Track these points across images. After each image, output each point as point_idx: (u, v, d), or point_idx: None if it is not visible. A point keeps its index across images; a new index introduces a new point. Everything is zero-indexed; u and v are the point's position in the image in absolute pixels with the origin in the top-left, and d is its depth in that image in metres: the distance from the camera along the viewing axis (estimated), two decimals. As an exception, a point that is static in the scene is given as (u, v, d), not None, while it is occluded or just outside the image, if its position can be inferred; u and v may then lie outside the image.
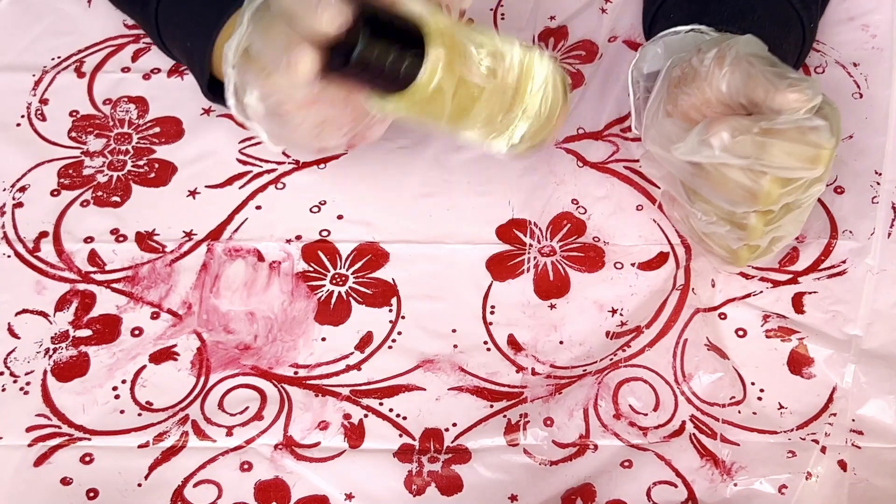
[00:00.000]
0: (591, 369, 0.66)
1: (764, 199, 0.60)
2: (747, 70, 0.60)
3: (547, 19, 0.83)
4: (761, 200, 0.61)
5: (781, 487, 0.62)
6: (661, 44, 0.68)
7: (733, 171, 0.60)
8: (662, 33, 0.68)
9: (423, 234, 0.72)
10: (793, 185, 0.60)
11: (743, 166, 0.59)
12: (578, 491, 0.62)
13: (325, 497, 0.63)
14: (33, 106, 0.79)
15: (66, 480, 0.63)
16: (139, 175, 0.76)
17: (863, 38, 0.80)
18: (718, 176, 0.61)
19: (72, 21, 0.84)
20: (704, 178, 0.62)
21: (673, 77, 0.64)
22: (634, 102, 0.69)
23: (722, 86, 0.61)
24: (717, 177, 0.61)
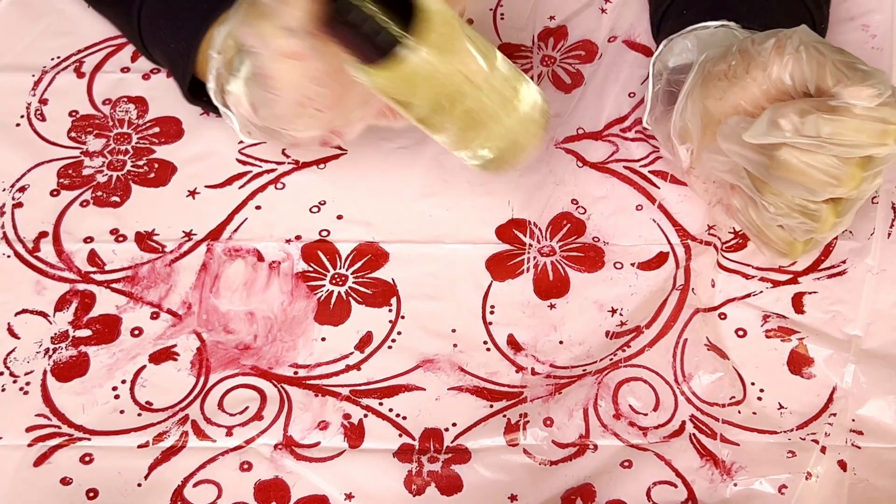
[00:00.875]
0: (591, 369, 0.66)
1: (848, 181, 0.59)
2: (817, 58, 0.59)
3: (546, 19, 0.83)
4: (846, 184, 0.59)
5: (781, 487, 0.62)
6: (693, 38, 0.68)
7: (815, 158, 0.59)
8: (693, 27, 0.68)
9: (422, 234, 0.72)
10: (872, 171, 0.59)
11: (812, 146, 0.59)
12: (578, 491, 0.62)
13: (324, 497, 0.63)
14: (33, 106, 0.79)
15: (66, 480, 0.63)
16: (139, 175, 0.76)
17: (863, 38, 0.80)
18: (798, 164, 0.60)
19: (71, 21, 0.83)
20: (779, 167, 0.60)
21: (716, 71, 0.63)
22: (652, 94, 0.69)
23: (785, 74, 0.60)
24: (795, 165, 0.60)
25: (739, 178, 0.64)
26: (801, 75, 0.60)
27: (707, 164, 0.66)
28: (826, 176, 0.59)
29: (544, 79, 0.79)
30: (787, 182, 0.61)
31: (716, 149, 0.65)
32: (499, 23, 0.83)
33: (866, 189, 0.61)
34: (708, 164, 0.66)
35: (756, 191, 0.63)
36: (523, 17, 0.83)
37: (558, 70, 0.80)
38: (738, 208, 0.66)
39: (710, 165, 0.65)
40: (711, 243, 0.71)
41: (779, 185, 0.62)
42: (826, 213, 0.62)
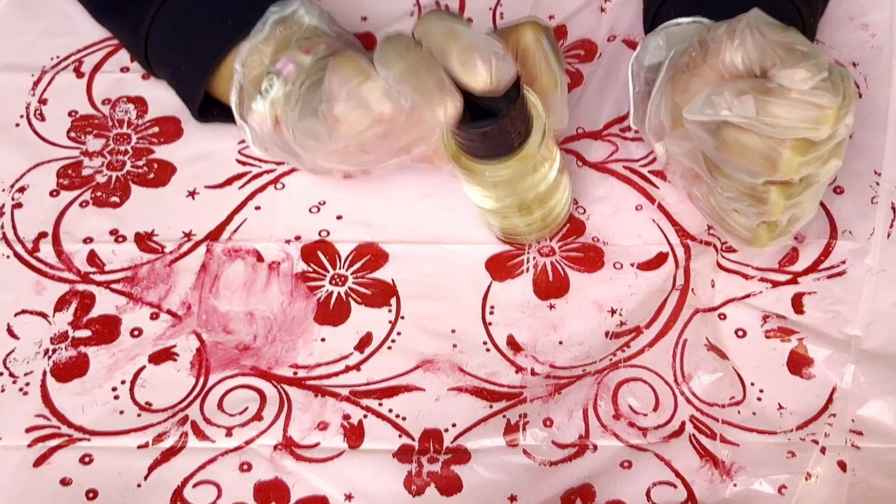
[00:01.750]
0: (591, 369, 0.66)
1: (784, 167, 0.59)
2: (760, 40, 0.59)
3: (546, 18, 0.83)
4: (781, 168, 0.59)
5: (781, 488, 0.62)
6: (663, 35, 0.68)
7: (752, 139, 0.59)
8: (664, 24, 0.68)
9: (422, 234, 0.72)
10: (812, 155, 0.59)
11: (746, 125, 0.59)
12: (578, 491, 0.62)
13: (324, 497, 0.63)
14: (32, 106, 0.79)
15: (66, 481, 0.63)
16: (138, 175, 0.76)
17: (862, 37, 0.80)
18: (737, 145, 0.60)
19: (71, 21, 0.83)
20: (723, 147, 0.61)
21: (680, 64, 0.63)
22: (634, 95, 0.69)
23: (736, 58, 0.60)
24: (735, 146, 0.60)
25: (696, 161, 0.64)
26: (748, 58, 0.60)
27: (669, 148, 0.66)
28: (762, 158, 0.60)
29: (544, 79, 0.79)
30: (731, 164, 0.61)
31: (677, 134, 0.65)
32: (498, 22, 0.83)
33: (819, 173, 0.61)
34: (670, 149, 0.66)
35: (710, 175, 0.64)
36: (523, 16, 0.83)
37: (558, 70, 0.80)
38: (699, 196, 0.67)
39: (671, 150, 0.66)
40: (711, 243, 0.71)
41: (725, 167, 0.62)
42: (774, 195, 0.61)
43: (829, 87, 0.58)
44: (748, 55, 0.60)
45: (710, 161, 0.63)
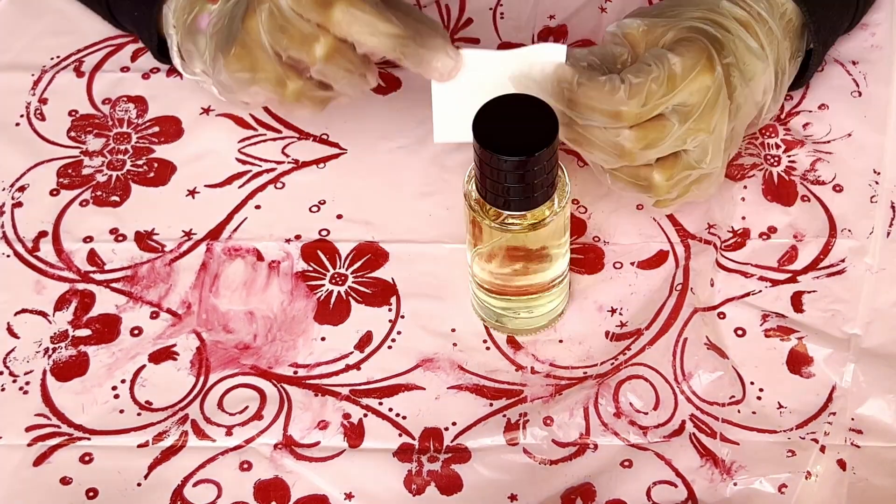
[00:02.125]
0: (592, 373, 0.66)
1: (627, 154, 0.63)
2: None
3: (546, 18, 0.83)
4: (626, 155, 0.63)
5: (781, 487, 0.62)
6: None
7: (595, 130, 0.63)
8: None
9: (422, 233, 0.72)
10: (655, 145, 0.63)
11: (563, 111, 0.63)
12: (578, 490, 0.62)
13: (324, 497, 0.63)
14: (32, 105, 0.79)
15: (66, 480, 0.63)
16: (138, 174, 0.76)
17: (862, 36, 0.80)
18: (588, 136, 0.64)
19: (71, 21, 0.83)
20: (583, 140, 0.65)
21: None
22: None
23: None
24: (587, 138, 0.64)
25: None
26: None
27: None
28: (609, 146, 0.64)
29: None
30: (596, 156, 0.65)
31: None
32: (498, 22, 0.83)
33: (690, 148, 0.64)
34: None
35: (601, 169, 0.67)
36: (523, 16, 0.83)
37: (558, 69, 0.80)
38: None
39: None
40: (711, 242, 0.71)
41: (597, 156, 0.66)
42: (658, 178, 0.65)
43: (626, 86, 0.62)
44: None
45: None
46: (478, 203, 0.62)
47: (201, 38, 0.71)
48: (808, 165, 0.74)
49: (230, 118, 0.78)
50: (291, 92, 0.66)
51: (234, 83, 0.67)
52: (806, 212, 0.72)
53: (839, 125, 0.76)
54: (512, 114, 0.59)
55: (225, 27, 0.68)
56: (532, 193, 0.60)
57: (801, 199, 0.73)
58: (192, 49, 0.72)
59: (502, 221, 0.62)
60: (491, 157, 0.58)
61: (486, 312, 0.68)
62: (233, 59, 0.66)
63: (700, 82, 0.63)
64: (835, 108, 0.77)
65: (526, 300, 0.66)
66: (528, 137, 0.58)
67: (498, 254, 0.64)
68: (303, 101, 0.67)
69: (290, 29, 0.63)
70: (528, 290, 0.65)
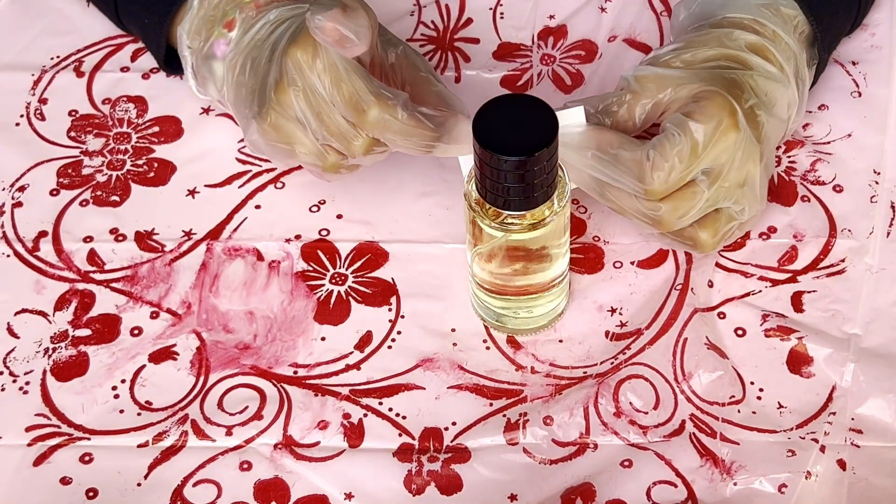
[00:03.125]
0: (592, 372, 0.66)
1: (662, 225, 0.65)
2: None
3: (546, 18, 0.83)
4: (661, 226, 0.65)
5: (781, 486, 0.62)
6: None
7: (626, 201, 0.64)
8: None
9: (422, 233, 0.72)
10: (689, 214, 0.64)
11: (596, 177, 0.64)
12: (578, 490, 0.62)
13: (324, 497, 0.63)
14: (32, 105, 0.79)
15: (66, 480, 0.63)
16: (138, 174, 0.76)
17: (862, 36, 0.80)
18: (622, 206, 0.65)
19: (71, 21, 0.83)
20: (618, 209, 0.66)
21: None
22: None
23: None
24: (622, 207, 0.65)
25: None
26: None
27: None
28: (643, 217, 0.65)
29: (544, 78, 0.79)
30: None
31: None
32: (498, 22, 0.83)
33: (713, 194, 0.64)
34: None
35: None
36: (523, 16, 0.83)
37: (558, 69, 0.80)
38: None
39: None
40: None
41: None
42: (703, 237, 0.66)
43: (653, 162, 0.62)
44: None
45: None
46: (478, 203, 0.62)
47: (217, 64, 0.70)
48: (808, 166, 0.74)
49: (230, 118, 0.77)
50: (331, 165, 0.67)
51: (270, 150, 0.67)
52: (806, 212, 0.72)
53: (839, 126, 0.76)
54: (512, 114, 0.59)
55: (255, 88, 0.67)
56: (532, 193, 0.60)
57: (801, 199, 0.73)
58: (208, 76, 0.71)
59: (502, 221, 0.62)
60: (491, 157, 0.58)
61: (486, 312, 0.68)
62: (269, 130, 0.66)
63: (725, 142, 0.63)
64: (835, 108, 0.77)
65: (526, 300, 0.66)
66: (529, 137, 0.58)
67: (498, 254, 0.64)
68: (340, 171, 0.67)
69: (329, 120, 0.64)
70: (528, 290, 0.65)
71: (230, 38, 0.69)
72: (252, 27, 0.68)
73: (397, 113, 0.62)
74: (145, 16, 0.75)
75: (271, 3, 0.69)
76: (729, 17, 0.70)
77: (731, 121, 0.63)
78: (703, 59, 0.68)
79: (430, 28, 0.82)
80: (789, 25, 0.70)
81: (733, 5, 0.70)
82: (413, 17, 0.83)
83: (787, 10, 0.71)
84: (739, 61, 0.67)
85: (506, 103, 0.60)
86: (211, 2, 0.71)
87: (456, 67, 0.80)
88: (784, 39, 0.69)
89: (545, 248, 0.64)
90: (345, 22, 0.60)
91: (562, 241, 0.64)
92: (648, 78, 0.66)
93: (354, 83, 0.62)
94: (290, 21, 0.67)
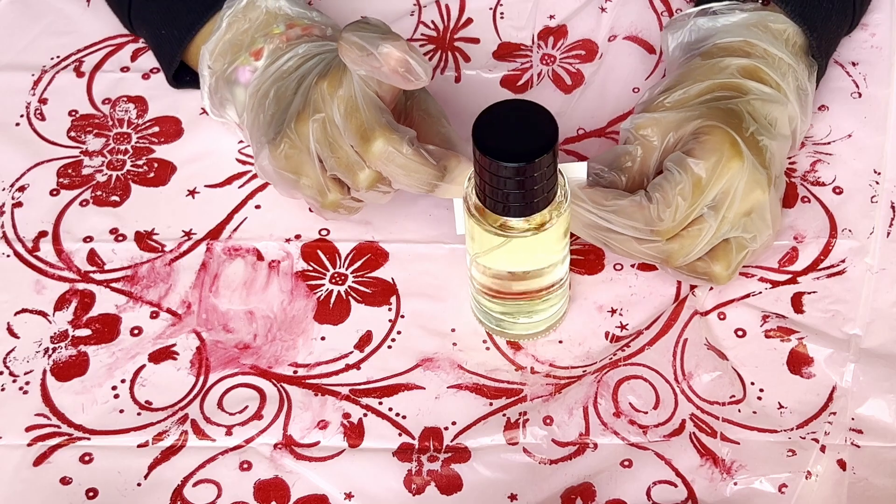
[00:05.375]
0: (591, 369, 0.66)
1: (671, 262, 0.65)
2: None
3: (546, 18, 0.83)
4: (671, 263, 0.65)
5: (781, 486, 0.62)
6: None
7: (633, 245, 0.64)
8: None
9: (422, 233, 0.72)
10: (697, 248, 0.64)
11: (596, 225, 0.64)
12: (578, 490, 0.62)
13: (324, 496, 0.63)
14: (32, 105, 0.79)
15: (66, 480, 0.63)
16: (138, 174, 0.76)
17: (862, 36, 0.80)
18: (631, 252, 0.65)
19: (71, 21, 0.83)
20: (625, 255, 0.66)
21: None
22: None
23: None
24: (630, 253, 0.65)
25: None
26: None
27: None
28: (651, 255, 0.65)
29: (544, 78, 0.79)
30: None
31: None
32: (498, 21, 0.83)
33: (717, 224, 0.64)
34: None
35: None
36: (523, 15, 0.83)
37: (559, 69, 0.80)
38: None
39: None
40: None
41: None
42: (718, 270, 0.66)
43: (656, 206, 0.63)
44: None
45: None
46: (477, 209, 0.62)
47: (239, 90, 0.71)
48: (807, 166, 0.74)
49: (230, 118, 0.78)
50: (330, 202, 0.67)
51: (276, 177, 0.67)
52: (806, 213, 0.72)
53: (839, 126, 0.76)
54: (511, 120, 0.59)
55: (275, 116, 0.67)
56: (532, 199, 0.59)
57: (801, 200, 0.73)
58: (228, 98, 0.71)
59: (502, 227, 0.61)
60: (490, 164, 0.58)
61: (486, 318, 0.68)
62: (280, 157, 0.66)
63: (727, 173, 0.63)
64: (835, 109, 0.77)
65: (526, 305, 0.66)
66: (529, 143, 0.58)
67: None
68: (339, 210, 0.68)
69: (339, 151, 0.64)
70: (528, 295, 0.65)
71: (256, 66, 0.70)
72: (280, 58, 0.69)
73: (402, 147, 0.62)
74: (163, 27, 0.74)
75: (301, 38, 0.70)
76: (718, 43, 0.70)
77: (732, 151, 0.63)
78: (696, 93, 0.68)
79: (430, 28, 0.82)
80: (780, 40, 0.70)
81: (722, 31, 0.70)
82: (413, 16, 0.83)
83: (775, 26, 0.71)
84: (733, 88, 0.67)
85: (505, 109, 0.59)
86: (240, 27, 0.71)
87: (456, 67, 0.80)
88: (777, 55, 0.69)
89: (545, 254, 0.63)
90: (415, 56, 0.59)
91: (562, 245, 0.64)
92: (647, 125, 0.67)
93: (367, 114, 0.62)
94: (319, 57, 0.68)
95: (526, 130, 0.58)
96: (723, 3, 0.72)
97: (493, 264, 0.63)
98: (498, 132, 0.58)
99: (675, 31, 0.73)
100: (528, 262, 0.63)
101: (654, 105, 0.68)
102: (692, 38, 0.72)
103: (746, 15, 0.71)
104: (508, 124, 0.58)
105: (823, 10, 0.72)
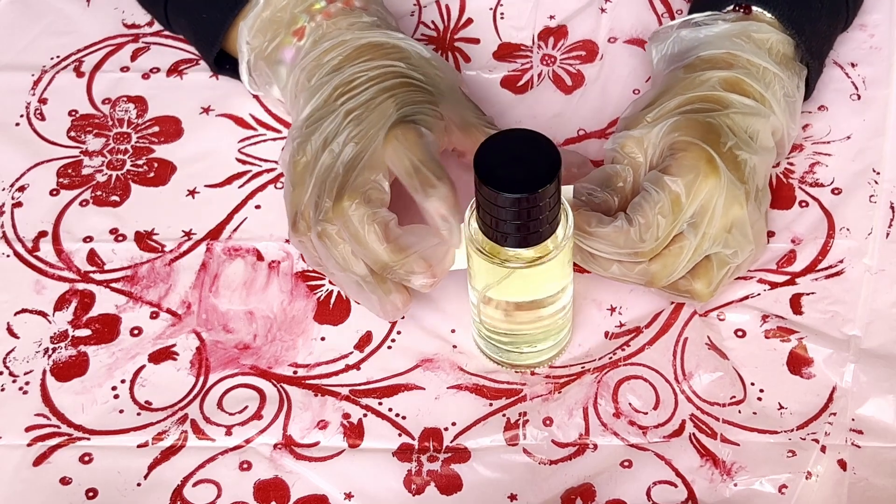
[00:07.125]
0: (591, 367, 0.66)
1: (654, 283, 0.64)
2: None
3: (546, 18, 0.83)
4: (653, 283, 0.65)
5: (781, 487, 0.62)
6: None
7: (614, 268, 0.64)
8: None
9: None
10: (679, 267, 0.64)
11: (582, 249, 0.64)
12: (578, 490, 0.62)
13: (324, 496, 0.63)
14: (32, 105, 0.79)
15: (66, 480, 0.63)
16: (138, 174, 0.76)
17: (861, 37, 0.80)
18: (612, 274, 0.65)
19: (71, 21, 0.83)
20: (608, 276, 0.66)
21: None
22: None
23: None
24: (612, 273, 0.65)
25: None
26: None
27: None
28: (635, 277, 0.65)
29: (545, 79, 0.79)
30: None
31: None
32: (499, 22, 0.83)
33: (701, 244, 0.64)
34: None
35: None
36: (523, 16, 0.83)
37: (559, 70, 0.80)
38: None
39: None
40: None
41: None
42: (699, 287, 0.65)
43: (636, 229, 0.62)
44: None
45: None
46: (478, 242, 0.61)
47: (282, 69, 0.71)
48: (806, 167, 0.74)
49: (230, 118, 0.78)
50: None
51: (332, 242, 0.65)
52: (804, 215, 0.72)
53: (838, 127, 0.76)
54: (514, 150, 0.58)
55: (333, 166, 0.65)
56: (536, 230, 0.59)
57: (799, 203, 0.73)
58: (270, 75, 0.72)
59: (503, 257, 0.61)
60: (492, 195, 0.57)
61: (489, 348, 0.67)
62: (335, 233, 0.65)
63: (704, 190, 0.63)
64: (834, 109, 0.77)
65: (529, 335, 0.65)
66: (531, 174, 0.57)
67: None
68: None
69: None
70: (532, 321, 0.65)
71: (298, 46, 0.70)
72: (321, 43, 0.69)
73: (359, 210, 0.62)
74: (204, 11, 0.75)
75: (341, 12, 0.70)
76: (702, 55, 0.70)
77: (708, 168, 0.63)
78: (675, 106, 0.67)
79: (431, 28, 0.82)
80: (763, 50, 0.70)
81: (705, 42, 0.70)
82: (413, 17, 0.83)
83: (758, 35, 0.70)
84: (714, 101, 0.67)
85: (508, 139, 0.59)
86: (278, 3, 0.71)
87: (456, 67, 0.80)
88: (761, 65, 0.69)
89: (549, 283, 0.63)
90: (439, 275, 0.63)
91: (565, 272, 0.63)
92: (630, 144, 0.66)
93: (368, 246, 0.62)
94: (376, 89, 0.67)
95: (529, 161, 0.57)
96: (705, 14, 0.72)
97: (499, 296, 0.63)
98: (500, 162, 0.57)
99: (659, 43, 0.73)
100: (535, 292, 0.63)
101: (636, 121, 0.68)
102: (675, 50, 0.72)
103: (729, 26, 0.71)
104: (511, 154, 0.58)
105: (813, 11, 0.72)
